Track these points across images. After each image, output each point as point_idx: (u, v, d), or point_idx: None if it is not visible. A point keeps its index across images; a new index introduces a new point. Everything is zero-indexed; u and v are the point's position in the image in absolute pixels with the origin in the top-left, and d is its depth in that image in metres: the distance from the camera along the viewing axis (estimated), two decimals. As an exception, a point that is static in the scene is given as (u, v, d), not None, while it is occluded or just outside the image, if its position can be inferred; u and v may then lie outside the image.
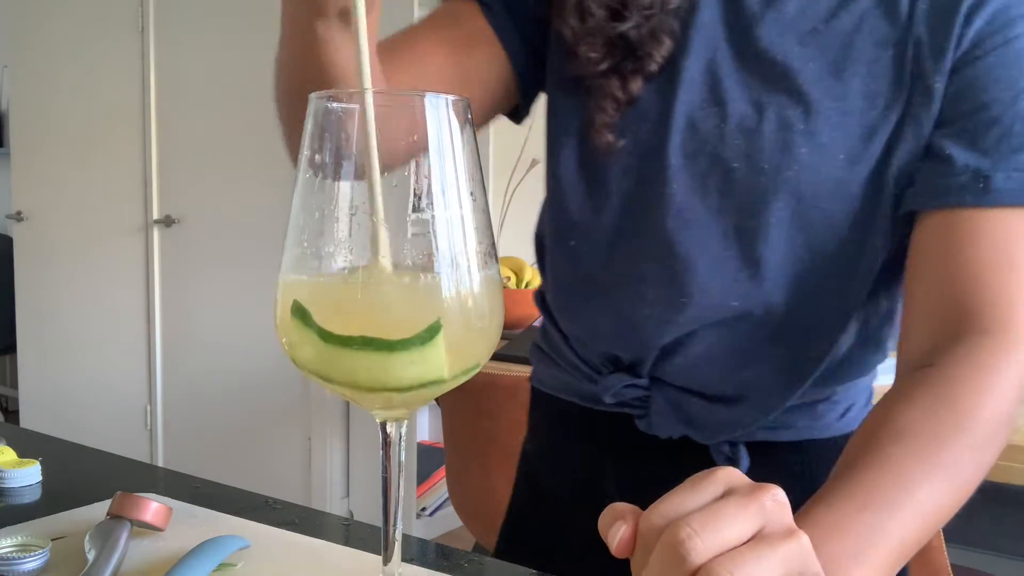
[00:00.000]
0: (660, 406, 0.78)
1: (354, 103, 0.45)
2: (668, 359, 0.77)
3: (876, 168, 0.71)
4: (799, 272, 0.73)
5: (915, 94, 0.70)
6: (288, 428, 3.07)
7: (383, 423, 0.48)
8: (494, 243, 0.48)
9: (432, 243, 0.45)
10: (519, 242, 1.63)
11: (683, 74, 0.73)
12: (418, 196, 0.45)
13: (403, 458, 0.50)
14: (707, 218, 0.73)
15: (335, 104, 0.45)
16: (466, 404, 1.52)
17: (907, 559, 0.56)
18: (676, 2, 0.73)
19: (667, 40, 0.73)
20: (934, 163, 0.69)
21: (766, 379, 0.76)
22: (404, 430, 0.49)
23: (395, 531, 0.50)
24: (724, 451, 0.77)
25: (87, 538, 0.58)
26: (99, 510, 0.65)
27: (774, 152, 0.71)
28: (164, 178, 3.36)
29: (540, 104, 0.84)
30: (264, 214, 2.96)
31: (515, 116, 0.84)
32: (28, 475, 0.75)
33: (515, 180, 2.31)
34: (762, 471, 0.46)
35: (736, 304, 0.74)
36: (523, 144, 2.22)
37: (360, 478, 3.00)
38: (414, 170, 0.45)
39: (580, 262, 0.79)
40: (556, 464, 0.88)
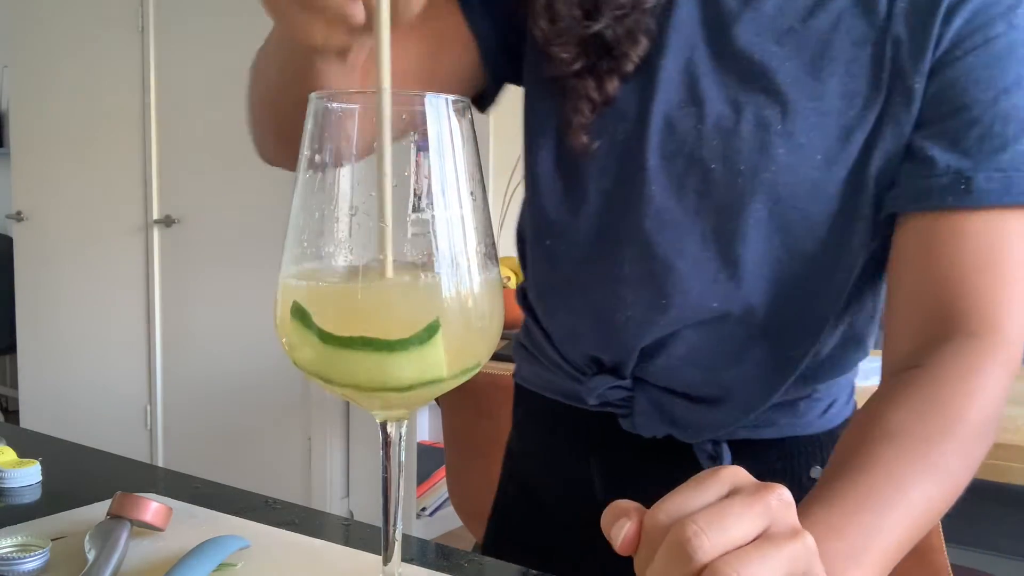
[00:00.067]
0: (643, 407, 0.78)
1: (354, 103, 0.45)
2: (650, 360, 0.77)
3: (854, 169, 0.70)
4: (778, 273, 0.73)
5: (894, 94, 0.69)
6: (288, 428, 3.07)
7: (383, 423, 0.48)
8: (494, 243, 0.48)
9: (432, 243, 0.45)
10: (519, 242, 1.62)
11: (660, 74, 0.72)
12: (418, 196, 0.45)
13: (403, 458, 0.50)
14: (685, 219, 0.73)
15: (335, 104, 0.45)
16: (466, 404, 1.51)
17: (900, 558, 0.56)
18: (652, 1, 0.72)
19: (644, 39, 0.72)
20: (915, 164, 0.69)
21: (748, 379, 0.76)
22: (404, 430, 0.49)
23: (395, 531, 0.50)
24: (707, 449, 0.77)
25: (87, 538, 0.58)
26: (99, 510, 0.65)
27: (752, 153, 0.71)
28: (164, 178, 3.36)
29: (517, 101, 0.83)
30: (264, 214, 2.96)
31: (480, 104, 0.83)
32: (28, 475, 0.75)
33: (515, 180, 2.29)
34: (745, 468, 0.46)
35: (716, 305, 0.73)
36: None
37: (360, 478, 3.00)
38: (414, 170, 0.45)
39: (558, 262, 0.79)
40: (541, 461, 0.88)
